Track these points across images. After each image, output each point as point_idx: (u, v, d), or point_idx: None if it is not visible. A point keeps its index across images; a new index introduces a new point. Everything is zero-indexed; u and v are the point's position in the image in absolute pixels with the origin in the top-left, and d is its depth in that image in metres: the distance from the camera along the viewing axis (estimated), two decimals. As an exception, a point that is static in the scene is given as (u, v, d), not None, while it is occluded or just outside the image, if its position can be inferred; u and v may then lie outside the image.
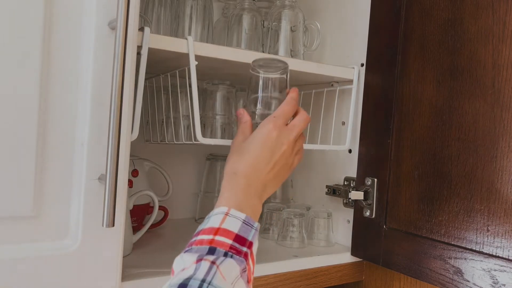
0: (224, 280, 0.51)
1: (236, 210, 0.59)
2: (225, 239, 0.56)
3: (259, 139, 0.66)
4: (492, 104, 0.69)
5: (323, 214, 0.98)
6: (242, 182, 0.63)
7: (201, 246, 0.55)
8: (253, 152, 0.65)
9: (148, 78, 0.88)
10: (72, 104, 0.59)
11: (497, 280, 0.67)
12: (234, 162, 0.65)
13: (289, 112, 0.70)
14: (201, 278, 0.50)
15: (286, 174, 0.70)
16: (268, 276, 0.81)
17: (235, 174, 0.64)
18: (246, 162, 0.65)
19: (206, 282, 0.50)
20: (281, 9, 0.95)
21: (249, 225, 0.59)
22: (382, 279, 0.92)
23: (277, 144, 0.66)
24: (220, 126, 0.86)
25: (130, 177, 0.93)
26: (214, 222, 0.58)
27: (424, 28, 0.80)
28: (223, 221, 0.58)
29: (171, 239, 0.95)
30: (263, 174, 0.65)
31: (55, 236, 0.59)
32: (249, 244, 0.57)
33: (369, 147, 0.89)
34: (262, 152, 0.65)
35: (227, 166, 0.66)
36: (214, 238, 0.56)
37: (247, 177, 0.64)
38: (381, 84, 0.87)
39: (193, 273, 0.51)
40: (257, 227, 0.60)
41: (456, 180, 0.73)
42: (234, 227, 0.57)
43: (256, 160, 0.65)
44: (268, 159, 0.65)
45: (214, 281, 0.50)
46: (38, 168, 0.57)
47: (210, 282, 0.50)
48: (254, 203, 0.63)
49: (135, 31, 0.63)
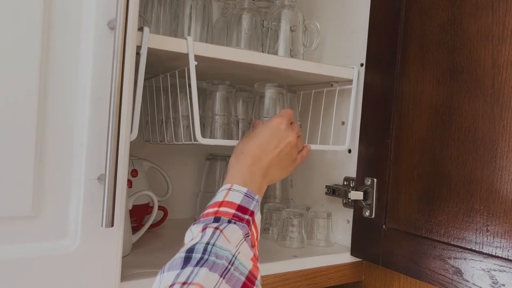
0: (228, 242, 0.56)
1: (239, 185, 0.64)
2: (228, 209, 0.61)
3: (268, 127, 0.74)
4: (492, 104, 0.69)
5: (322, 214, 0.97)
6: (249, 160, 0.69)
7: (207, 218, 0.60)
8: (261, 137, 0.73)
9: (148, 78, 0.88)
10: (71, 104, 0.59)
11: (496, 280, 0.67)
12: (243, 144, 0.73)
13: (292, 115, 0.78)
14: (206, 242, 0.54)
15: (289, 166, 0.76)
16: (268, 276, 0.81)
17: (242, 153, 0.70)
18: (253, 143, 0.72)
19: (210, 244, 0.54)
20: (280, 9, 0.95)
21: (251, 197, 0.64)
22: (382, 279, 0.92)
23: (283, 134, 0.74)
24: (220, 126, 0.86)
25: (130, 177, 0.93)
26: (218, 197, 0.63)
27: (423, 28, 0.80)
28: (226, 195, 0.63)
29: (170, 239, 0.95)
30: (269, 156, 0.71)
31: (54, 236, 0.59)
32: (251, 213, 0.62)
33: (369, 147, 0.89)
34: (270, 137, 0.73)
35: (236, 148, 0.73)
36: (218, 209, 0.61)
37: (253, 156, 0.70)
38: (381, 84, 0.87)
39: (199, 239, 0.55)
40: (258, 199, 0.65)
41: (455, 180, 0.73)
42: (236, 199, 0.63)
43: (263, 143, 0.72)
44: (275, 144, 0.72)
45: (218, 243, 0.54)
46: (37, 168, 0.57)
47: (214, 244, 0.54)
48: (258, 179, 0.68)
49: (134, 31, 0.63)
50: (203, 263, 0.51)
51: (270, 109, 0.89)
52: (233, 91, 0.88)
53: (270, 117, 0.88)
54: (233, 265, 0.53)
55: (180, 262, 0.51)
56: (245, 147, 0.71)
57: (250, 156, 0.70)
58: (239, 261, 0.54)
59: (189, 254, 0.52)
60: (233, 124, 0.88)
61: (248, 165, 0.68)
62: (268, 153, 0.71)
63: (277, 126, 0.74)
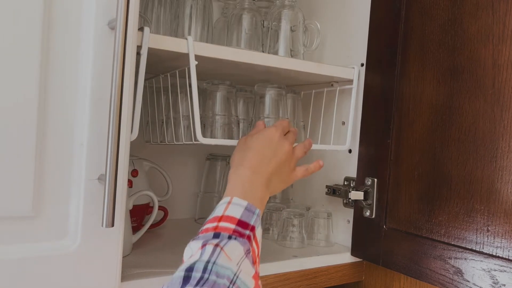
0: (229, 259, 0.54)
1: (240, 198, 0.63)
2: (229, 224, 0.59)
3: (261, 139, 0.73)
4: (492, 104, 0.69)
5: (323, 214, 0.97)
6: (249, 172, 0.68)
7: (207, 233, 0.58)
8: (258, 148, 0.71)
9: (148, 79, 0.88)
10: (71, 104, 0.59)
11: (497, 280, 0.67)
12: (240, 156, 0.71)
13: (288, 126, 0.78)
14: (206, 260, 0.52)
15: (288, 176, 0.75)
16: (268, 276, 0.81)
17: (241, 165, 0.69)
18: (251, 155, 0.70)
19: (210, 262, 0.52)
20: (281, 9, 0.95)
21: (251, 211, 0.62)
22: (382, 279, 0.91)
23: (277, 144, 0.73)
24: (220, 126, 0.86)
25: (130, 177, 0.93)
26: (218, 211, 0.62)
27: (424, 28, 0.80)
28: (226, 208, 0.61)
29: (170, 239, 0.95)
30: (268, 167, 0.70)
31: (55, 236, 0.59)
32: (252, 227, 0.60)
33: (369, 147, 0.89)
34: (265, 148, 0.72)
35: (233, 159, 0.72)
36: (218, 224, 0.59)
37: (252, 168, 0.68)
38: (381, 84, 0.87)
39: (199, 257, 0.53)
40: (259, 213, 0.63)
41: (456, 180, 0.73)
42: (236, 213, 0.61)
43: (260, 154, 0.71)
44: (271, 154, 0.71)
45: (219, 261, 0.53)
46: (37, 168, 0.57)
47: (215, 262, 0.52)
48: (260, 191, 0.67)
49: (134, 31, 0.62)
50: (204, 283, 0.49)
51: (270, 111, 0.89)
52: (233, 91, 0.88)
53: (270, 118, 0.88)
54: (234, 284, 0.52)
55: (180, 282, 0.50)
56: (243, 159, 0.70)
57: (249, 168, 0.68)
58: (241, 280, 0.53)
59: (188, 273, 0.51)
60: (234, 124, 0.88)
61: (249, 176, 0.67)
62: (266, 164, 0.70)
63: (270, 136, 0.73)
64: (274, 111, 0.89)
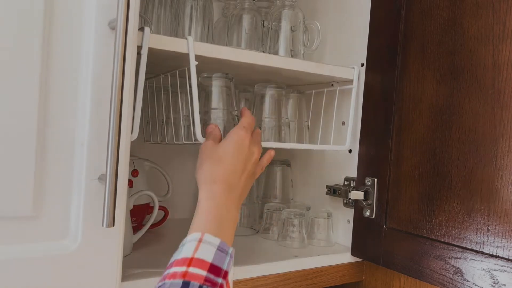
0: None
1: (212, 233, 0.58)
2: (199, 271, 0.53)
3: (232, 145, 0.68)
4: (492, 104, 0.69)
5: (323, 214, 0.97)
6: (224, 192, 0.64)
7: (175, 281, 0.52)
8: (231, 160, 0.67)
9: (148, 78, 0.88)
10: (72, 104, 0.59)
11: (497, 280, 0.67)
12: (213, 170, 0.66)
13: (253, 123, 0.74)
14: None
15: (252, 182, 0.72)
16: (268, 276, 0.81)
17: (215, 182, 0.65)
18: (224, 169, 0.66)
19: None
20: (281, 9, 0.95)
21: (224, 251, 0.57)
22: (382, 279, 0.92)
23: (248, 152, 0.70)
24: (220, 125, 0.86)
25: (130, 177, 0.93)
26: (188, 251, 0.56)
27: (424, 28, 0.80)
28: (196, 248, 0.56)
29: (171, 239, 0.95)
30: (241, 182, 0.68)
31: (55, 236, 0.59)
32: (224, 274, 0.55)
33: (369, 147, 0.89)
34: (237, 159, 0.68)
35: (202, 173, 0.66)
36: (187, 270, 0.53)
37: (227, 185, 0.65)
38: (381, 84, 0.87)
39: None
40: (232, 253, 0.58)
41: (456, 180, 0.73)
42: (208, 256, 0.55)
43: (232, 166, 0.67)
44: (242, 166, 0.68)
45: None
46: (38, 168, 0.57)
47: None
48: (234, 214, 0.64)
49: (135, 31, 0.63)
50: None
51: (270, 111, 0.89)
52: (230, 85, 0.87)
53: (270, 118, 0.88)
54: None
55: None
56: (216, 174, 0.66)
57: (223, 185, 0.64)
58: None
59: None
60: (234, 121, 0.87)
61: (225, 198, 0.64)
62: (238, 178, 0.67)
63: (241, 142, 0.69)
64: (274, 111, 0.89)
